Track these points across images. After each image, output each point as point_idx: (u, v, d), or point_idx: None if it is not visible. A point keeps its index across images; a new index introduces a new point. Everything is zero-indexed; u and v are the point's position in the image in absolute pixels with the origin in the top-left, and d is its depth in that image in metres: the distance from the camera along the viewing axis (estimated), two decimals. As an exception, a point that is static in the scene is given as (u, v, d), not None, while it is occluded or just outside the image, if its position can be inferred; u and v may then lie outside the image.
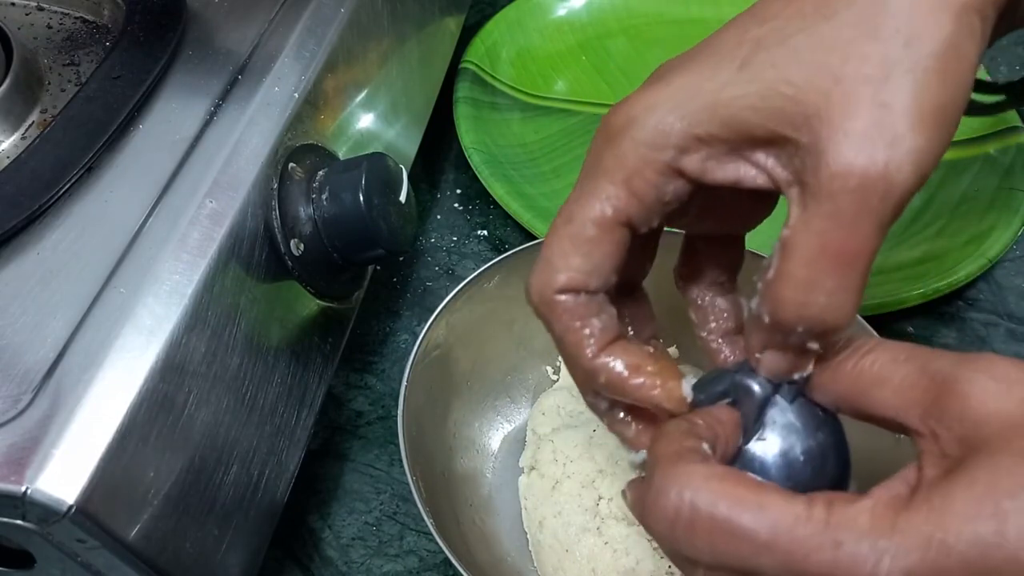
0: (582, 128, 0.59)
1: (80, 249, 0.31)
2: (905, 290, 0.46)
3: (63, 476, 0.25)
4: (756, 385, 0.26)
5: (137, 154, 0.34)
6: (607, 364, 0.26)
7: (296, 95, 0.37)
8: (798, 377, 0.26)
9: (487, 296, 0.40)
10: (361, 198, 0.36)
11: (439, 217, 0.55)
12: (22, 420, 0.26)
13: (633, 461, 0.28)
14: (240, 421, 0.33)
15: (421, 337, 0.38)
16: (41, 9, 0.43)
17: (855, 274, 0.23)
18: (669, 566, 0.36)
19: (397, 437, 0.35)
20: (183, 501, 0.30)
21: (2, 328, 0.29)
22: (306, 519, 0.42)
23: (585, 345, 0.26)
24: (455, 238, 0.54)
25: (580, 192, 0.26)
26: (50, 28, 0.42)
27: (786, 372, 0.26)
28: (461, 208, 0.56)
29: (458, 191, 0.57)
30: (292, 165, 0.36)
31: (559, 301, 0.26)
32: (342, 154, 0.40)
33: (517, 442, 0.42)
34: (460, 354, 0.41)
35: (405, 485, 0.38)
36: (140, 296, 0.29)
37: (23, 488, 0.25)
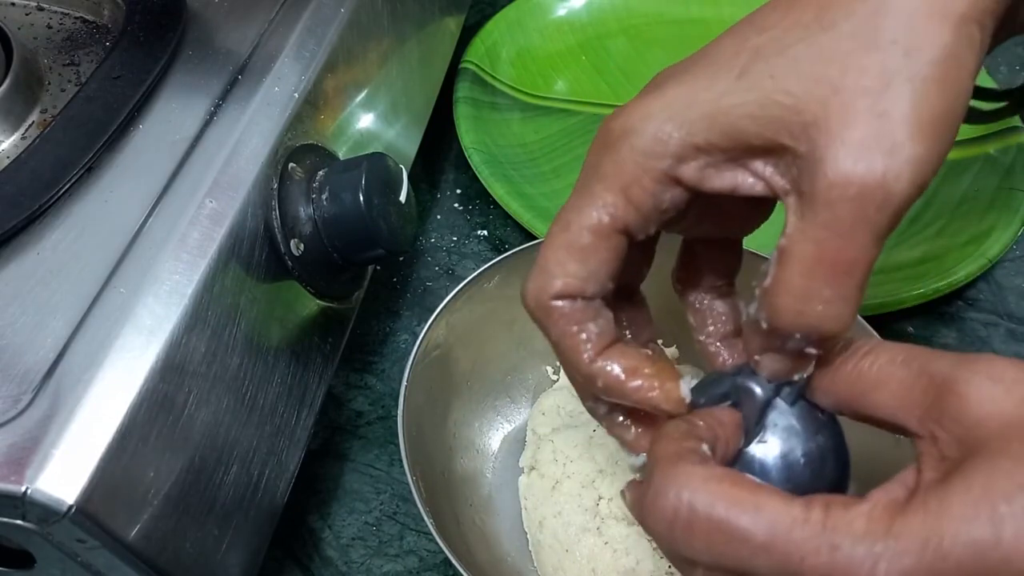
0: (582, 128, 0.59)
1: (80, 249, 0.31)
2: (905, 290, 0.46)
3: (63, 476, 0.25)
4: (758, 387, 0.26)
5: (137, 154, 0.34)
6: (604, 368, 0.26)
7: (296, 95, 0.37)
8: (798, 378, 0.26)
9: (487, 296, 0.40)
10: (361, 198, 0.36)
11: (439, 217, 0.55)
12: (22, 420, 0.26)
13: (633, 464, 0.28)
14: (240, 421, 0.33)
15: (421, 337, 0.38)
16: (41, 9, 0.43)
17: (852, 283, 0.23)
18: (669, 566, 0.36)
19: (397, 437, 0.35)
20: (183, 501, 0.30)
21: (2, 328, 0.29)
22: (306, 519, 0.42)
23: (582, 350, 0.26)
24: (455, 238, 0.54)
25: (577, 199, 0.26)
26: (50, 28, 0.42)
27: (785, 374, 0.26)
28: (461, 208, 0.56)
29: (458, 191, 0.57)
30: (292, 165, 0.36)
31: (555, 307, 0.26)
32: (342, 154, 0.40)
33: (517, 442, 0.42)
34: (460, 354, 0.41)
35: (405, 485, 0.38)
36: (140, 296, 0.29)
37: (23, 488, 0.25)
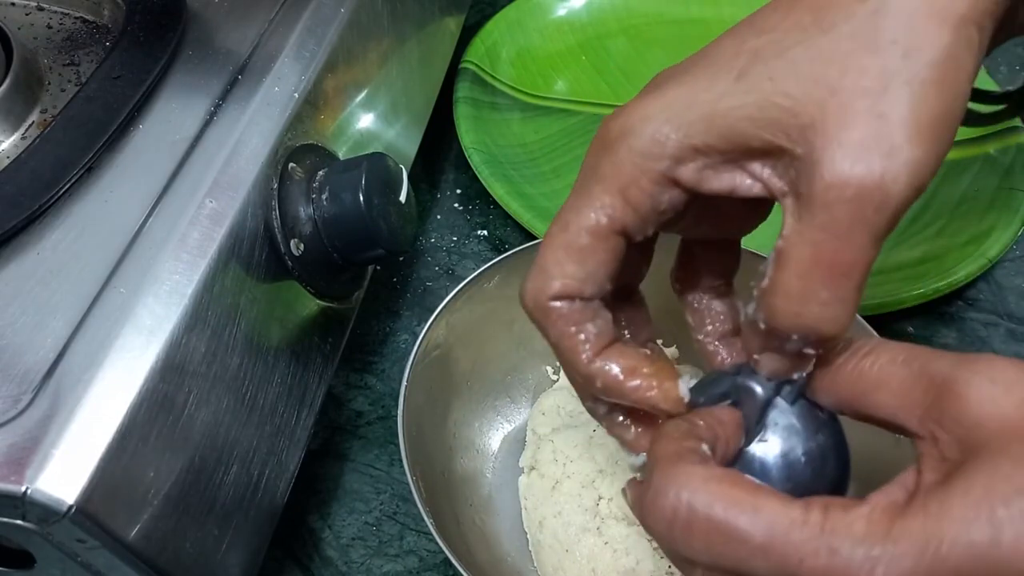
0: (582, 128, 0.59)
1: (80, 249, 0.31)
2: (905, 290, 0.46)
3: (63, 476, 0.25)
4: (758, 386, 0.26)
5: (137, 154, 0.34)
6: (603, 368, 0.26)
7: (296, 95, 0.37)
8: (798, 377, 0.26)
9: (487, 296, 0.40)
10: (361, 198, 0.36)
11: (439, 217, 0.55)
12: (22, 420, 0.26)
13: (633, 464, 0.28)
14: (240, 421, 0.33)
15: (421, 337, 0.38)
16: (41, 9, 0.43)
17: (850, 285, 0.23)
18: (669, 566, 0.36)
19: (397, 437, 0.35)
20: (183, 501, 0.30)
21: (2, 328, 0.29)
22: (306, 519, 0.42)
23: (580, 350, 0.26)
24: (455, 238, 0.54)
25: (576, 200, 0.26)
26: (50, 28, 0.42)
27: (785, 373, 0.26)
28: (461, 208, 0.56)
29: (458, 191, 0.57)
30: (292, 165, 0.36)
31: (554, 307, 0.26)
32: (342, 154, 0.40)
33: (517, 442, 0.42)
34: (460, 354, 0.41)
35: (405, 485, 0.38)
36: (140, 296, 0.29)
37: (23, 488, 0.25)
